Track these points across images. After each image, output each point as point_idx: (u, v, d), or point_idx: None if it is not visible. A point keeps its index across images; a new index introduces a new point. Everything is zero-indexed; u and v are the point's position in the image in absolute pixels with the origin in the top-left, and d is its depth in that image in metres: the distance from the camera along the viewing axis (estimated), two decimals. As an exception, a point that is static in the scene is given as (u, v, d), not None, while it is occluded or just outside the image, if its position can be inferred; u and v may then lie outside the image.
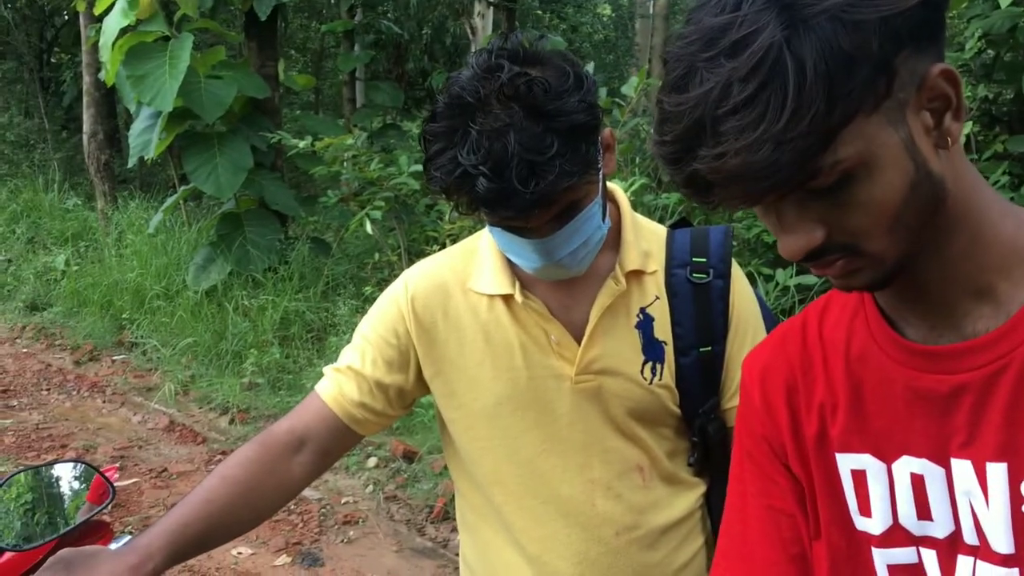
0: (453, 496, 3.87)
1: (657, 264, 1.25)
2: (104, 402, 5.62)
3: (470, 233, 5.58)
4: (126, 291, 6.94)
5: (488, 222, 1.13)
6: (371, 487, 4.25)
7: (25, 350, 6.75)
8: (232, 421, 5.18)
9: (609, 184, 1.24)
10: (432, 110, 1.10)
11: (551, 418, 1.24)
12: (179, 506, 1.23)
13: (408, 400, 1.35)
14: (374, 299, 4.78)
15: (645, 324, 1.22)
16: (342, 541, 3.83)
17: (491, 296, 1.26)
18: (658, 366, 1.22)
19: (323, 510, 4.03)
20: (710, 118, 0.64)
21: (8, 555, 1.24)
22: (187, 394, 5.60)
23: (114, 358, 6.40)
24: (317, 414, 1.33)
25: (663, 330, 1.23)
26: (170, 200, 7.27)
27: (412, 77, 11.51)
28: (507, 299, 1.25)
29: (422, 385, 1.33)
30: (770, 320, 1.31)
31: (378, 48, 9.96)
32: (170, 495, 4.21)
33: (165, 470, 4.53)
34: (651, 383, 1.22)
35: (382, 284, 5.99)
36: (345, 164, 6.43)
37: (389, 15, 10.42)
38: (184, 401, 5.52)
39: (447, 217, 5.67)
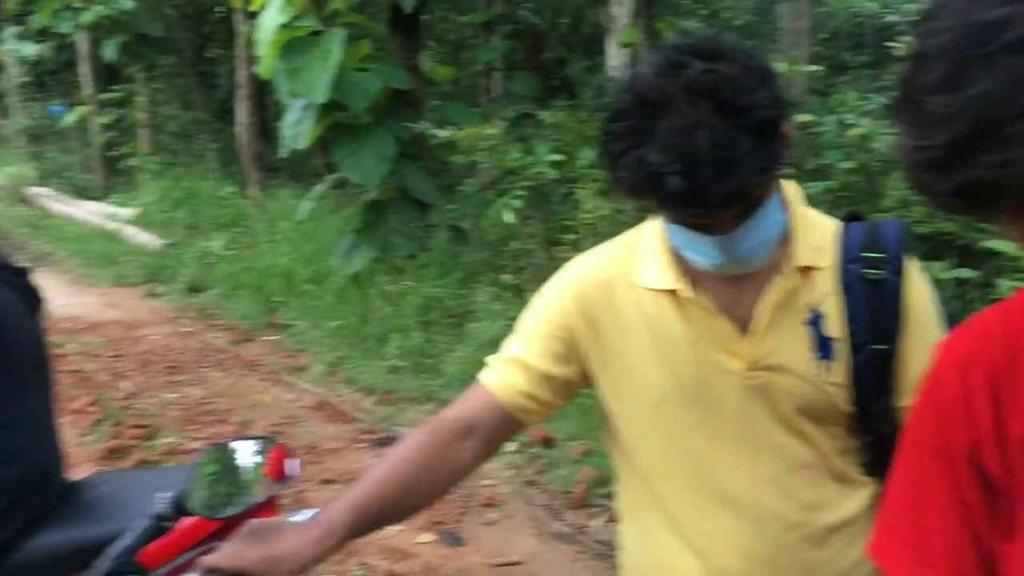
0: (592, 483, 3.93)
1: (828, 259, 1.24)
2: (258, 380, 5.94)
3: (608, 223, 5.63)
4: (277, 275, 7.29)
5: (669, 219, 1.15)
6: (511, 471, 4.35)
7: (187, 329, 7.19)
8: (377, 402, 5.38)
9: None
10: (613, 109, 1.12)
11: (718, 413, 1.25)
12: (357, 485, 1.32)
13: (573, 391, 1.40)
14: (512, 287, 4.86)
15: (815, 321, 1.22)
16: (482, 522, 3.94)
17: (656, 291, 1.28)
18: (829, 363, 1.22)
19: (465, 492, 4.15)
20: (995, 119, 0.60)
21: (189, 521, 1.35)
22: (334, 375, 5.85)
23: (267, 339, 6.75)
24: (484, 403, 1.39)
25: (835, 327, 1.23)
26: (318, 188, 7.57)
27: (549, 67, 11.52)
28: (673, 294, 1.27)
29: (587, 377, 1.37)
30: (944, 317, 1.28)
31: (516, 38, 10.04)
32: (321, 471, 4.42)
33: (316, 447, 4.76)
34: (822, 380, 1.23)
35: (519, 272, 6.09)
36: (484, 153, 6.55)
37: (527, 5, 10.49)
38: (332, 382, 5.77)
39: (584, 207, 5.69)
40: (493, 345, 5.04)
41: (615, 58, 9.79)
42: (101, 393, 5.56)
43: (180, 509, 1.28)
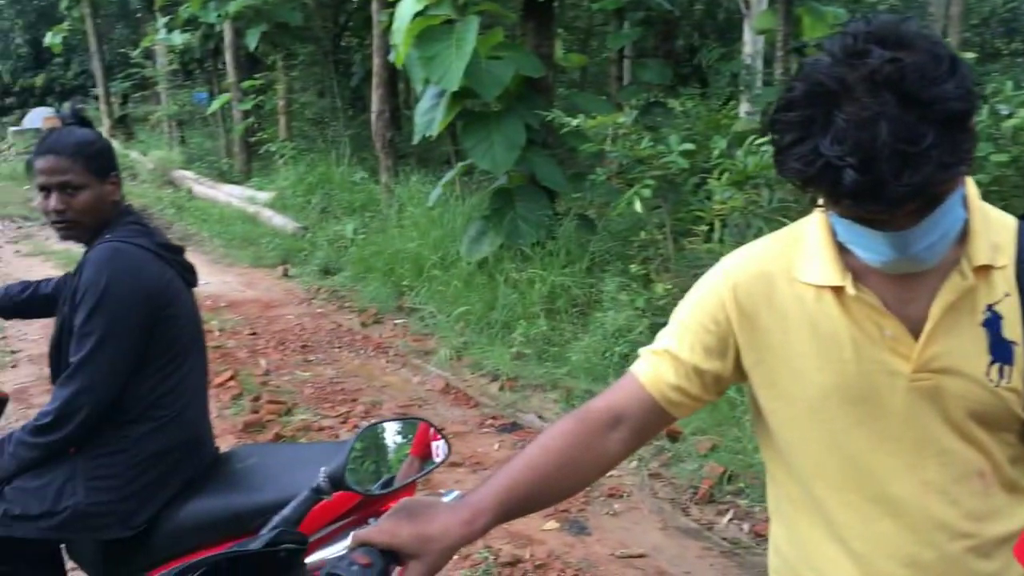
0: (719, 479, 3.86)
1: (1007, 258, 1.17)
2: (387, 362, 6.09)
3: (741, 214, 5.51)
4: (406, 260, 7.45)
5: (841, 214, 1.11)
6: (635, 463, 4.32)
7: (320, 310, 7.44)
8: (502, 388, 5.43)
9: None
10: (784, 99, 1.08)
11: (881, 414, 1.20)
12: (504, 470, 1.32)
13: (723, 386, 1.37)
14: (639, 277, 4.80)
15: (993, 322, 1.15)
16: (607, 513, 3.93)
17: (819, 287, 1.24)
18: (1006, 368, 1.15)
19: (590, 481, 4.14)
20: None
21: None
22: (460, 359, 5.93)
23: (395, 322, 6.91)
24: (633, 394, 1.37)
25: (1013, 330, 1.16)
26: (448, 175, 7.68)
27: (680, 54, 11.36)
28: (837, 290, 1.22)
29: (739, 372, 1.34)
30: None
31: (647, 25, 9.91)
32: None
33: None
34: (997, 385, 1.16)
35: (647, 263, 6.03)
36: (613, 142, 6.50)
37: (659, -9, 10.34)
38: (458, 366, 5.86)
39: (717, 197, 5.58)
40: (619, 335, 5.04)
41: (751, 45, 9.57)
42: (241, 369, 5.81)
43: (336, 484, 1.32)
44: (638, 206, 5.81)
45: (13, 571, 2.12)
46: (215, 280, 8.29)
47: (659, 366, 1.36)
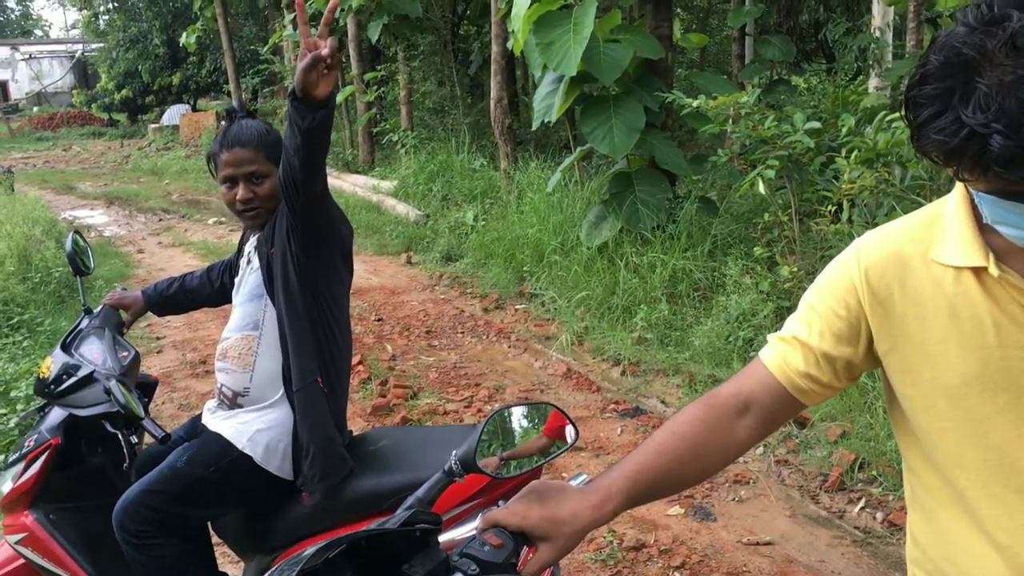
0: (849, 467, 3.76)
1: None
2: (509, 347, 6.17)
3: (871, 193, 5.31)
4: (526, 245, 7.51)
5: (987, 187, 1.06)
6: (761, 449, 4.25)
7: (442, 296, 7.59)
8: (623, 373, 5.42)
9: None
10: (919, 74, 1.05)
11: None
12: (632, 455, 1.34)
13: (856, 373, 1.33)
14: (763, 260, 4.70)
15: None
16: (733, 499, 3.89)
17: (959, 268, 1.19)
18: None
19: (714, 466, 4.10)
20: None
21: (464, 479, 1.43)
22: (582, 344, 5.95)
23: (517, 307, 6.99)
24: (761, 381, 1.35)
25: None
26: (567, 160, 7.68)
27: (804, 29, 11.01)
28: (978, 272, 1.17)
29: (872, 359, 1.30)
30: None
31: (769, 1, 9.64)
32: (570, 438, 4.52)
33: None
34: None
35: (771, 245, 5.89)
36: (735, 122, 6.37)
37: (782, -35, 10.04)
38: (579, 351, 5.88)
39: (845, 176, 5.39)
40: (742, 319, 4.96)
41: (880, 17, 9.18)
42: (368, 354, 5.99)
43: (467, 466, 1.36)
44: (761, 187, 5.69)
45: (165, 544, 2.26)
46: (342, 268, 8.53)
47: (787, 353, 1.34)
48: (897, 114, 5.44)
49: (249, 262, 2.38)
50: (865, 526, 3.61)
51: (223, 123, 2.43)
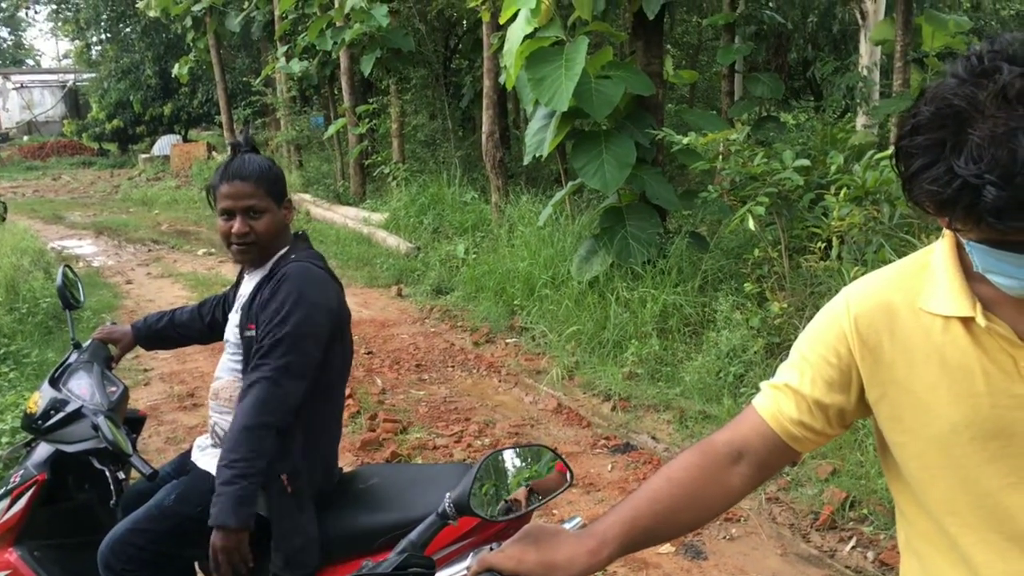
0: (840, 505, 3.74)
1: None
2: (500, 381, 6.15)
3: (860, 231, 5.35)
4: (517, 279, 7.51)
5: (980, 238, 1.06)
6: (752, 487, 4.22)
7: (433, 329, 7.57)
8: (614, 408, 5.41)
9: None
10: (910, 124, 1.06)
11: (1017, 451, 1.15)
12: (627, 501, 1.33)
13: (848, 420, 1.34)
14: (753, 295, 4.71)
15: None
16: (724, 537, 3.86)
17: (947, 317, 1.20)
18: None
19: (704, 504, 4.08)
20: None
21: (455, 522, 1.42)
22: (572, 379, 5.94)
23: (507, 341, 6.98)
24: (755, 429, 1.36)
25: None
26: (558, 195, 7.72)
27: (792, 68, 11.14)
28: (966, 321, 1.18)
29: (863, 406, 1.31)
30: None
31: (759, 39, 9.76)
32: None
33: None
34: None
35: (761, 280, 5.92)
36: (725, 159, 6.42)
37: (771, 4, 10.18)
38: (569, 386, 5.87)
39: (834, 213, 5.43)
40: (732, 355, 4.97)
41: (867, 56, 9.32)
42: (358, 387, 5.96)
43: (461, 509, 1.35)
44: (751, 223, 5.72)
45: None
46: (332, 300, 8.51)
47: (780, 401, 1.34)
48: (885, 152, 5.50)
49: (237, 312, 2.36)
50: (856, 565, 3.59)
51: (227, 155, 2.42)
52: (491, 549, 1.28)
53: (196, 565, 2.44)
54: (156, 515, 2.23)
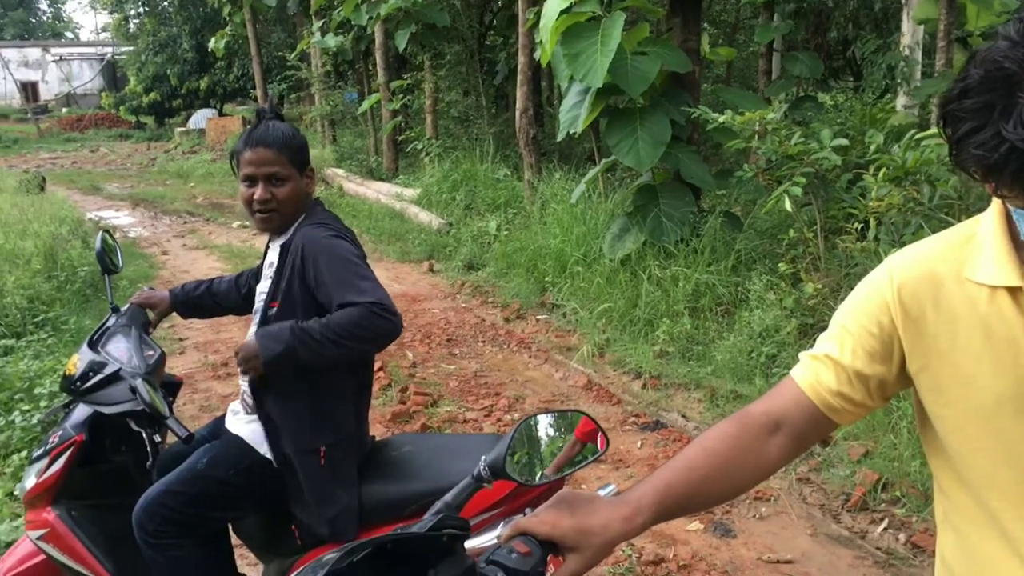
0: (872, 487, 3.71)
1: None
2: (530, 357, 6.15)
3: (899, 212, 5.27)
4: (548, 256, 7.50)
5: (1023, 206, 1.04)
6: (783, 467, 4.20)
7: (464, 305, 7.59)
8: (644, 386, 5.39)
9: None
10: (958, 88, 1.04)
11: None
12: (663, 469, 1.32)
13: (889, 392, 1.32)
14: (788, 276, 4.66)
15: None
16: (754, 516, 3.85)
17: (993, 287, 1.17)
18: None
19: (734, 483, 4.07)
20: None
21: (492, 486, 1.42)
22: (603, 356, 5.93)
23: (538, 317, 6.97)
24: (793, 400, 1.34)
25: None
26: (592, 172, 7.68)
27: (832, 47, 10.95)
28: (1013, 291, 1.15)
29: (904, 378, 1.29)
30: None
31: (798, 17, 9.61)
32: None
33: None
34: None
35: (796, 261, 5.85)
36: (761, 138, 6.34)
37: (812, -19, 10.00)
38: (600, 363, 5.86)
39: (872, 194, 5.35)
40: (765, 335, 4.92)
41: (910, 36, 9.14)
42: (389, 360, 6.00)
43: (496, 472, 1.35)
44: (787, 204, 5.66)
45: (184, 545, 2.26)
46: (364, 274, 8.57)
47: (819, 371, 1.33)
48: (926, 132, 5.40)
49: (267, 279, 2.38)
50: (888, 547, 3.56)
51: (251, 123, 2.43)
52: (524, 515, 1.28)
53: (230, 527, 2.47)
54: (188, 478, 2.26)
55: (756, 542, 3.64)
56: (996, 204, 1.19)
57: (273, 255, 2.36)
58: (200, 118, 26.30)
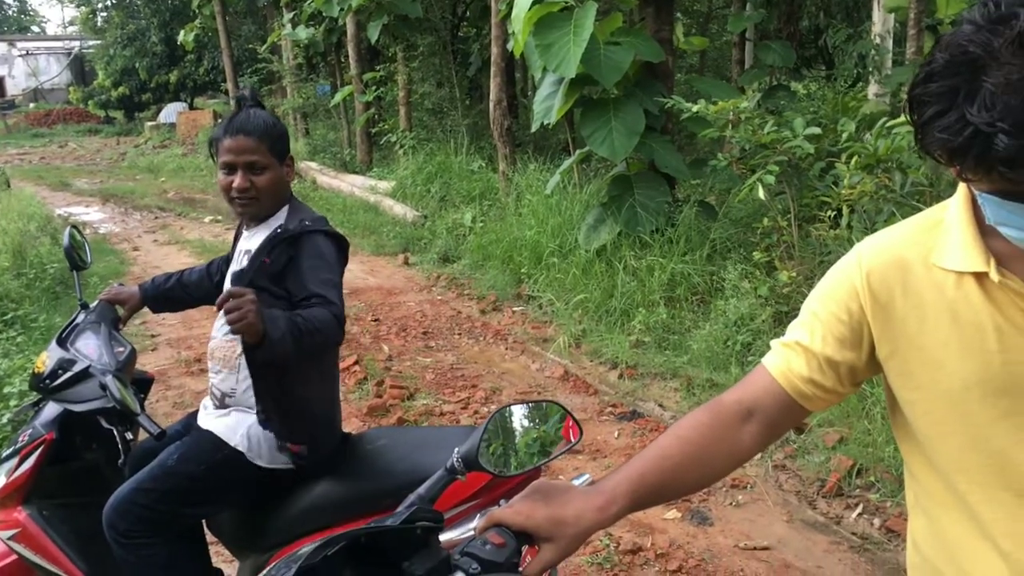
0: (847, 473, 3.74)
1: None
2: (506, 349, 6.14)
3: (871, 199, 5.31)
4: (524, 247, 7.49)
5: (991, 189, 1.04)
6: (759, 454, 4.23)
7: (439, 297, 7.56)
8: (621, 376, 5.40)
9: None
10: (924, 72, 1.04)
11: None
12: (636, 459, 1.32)
13: (859, 378, 1.32)
14: (762, 264, 4.68)
15: None
16: (730, 504, 3.87)
17: (960, 273, 1.17)
18: None
19: (711, 471, 4.09)
20: None
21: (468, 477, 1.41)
22: (579, 347, 5.94)
23: (514, 309, 6.97)
24: (765, 388, 1.34)
25: None
26: (566, 163, 7.68)
27: (804, 35, 11.00)
28: (979, 277, 1.16)
29: (874, 364, 1.29)
30: None
31: (770, 6, 9.65)
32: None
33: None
34: None
35: (770, 250, 5.88)
36: (735, 127, 6.35)
37: (784, -29, 10.04)
38: (576, 354, 5.86)
39: (845, 182, 5.39)
40: (740, 324, 4.95)
41: (880, 24, 9.20)
42: (365, 354, 5.97)
43: (469, 464, 1.34)
44: (761, 192, 5.68)
45: (155, 543, 2.23)
46: (339, 268, 8.53)
47: (790, 358, 1.33)
48: (897, 120, 5.44)
49: (239, 265, 2.34)
50: (863, 532, 3.59)
51: (222, 116, 2.40)
52: (499, 506, 1.28)
53: (204, 524, 2.45)
54: (159, 475, 2.23)
55: (733, 529, 3.66)
56: (962, 189, 1.19)
57: (251, 243, 2.33)
58: (170, 112, 26.04)
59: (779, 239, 5.95)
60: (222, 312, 2.28)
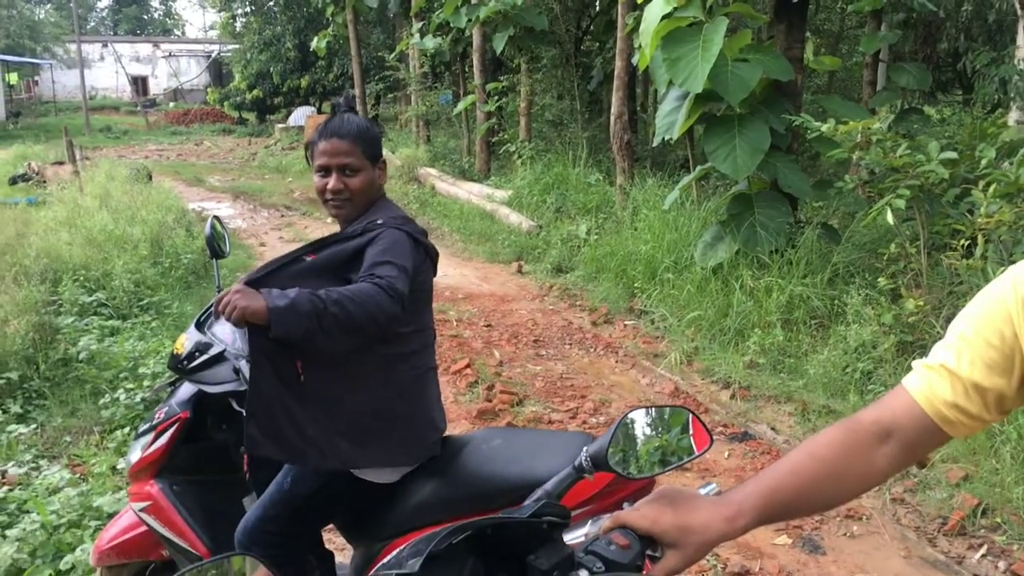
0: (971, 512, 3.58)
1: None
2: (616, 362, 6.12)
3: (1009, 229, 5.07)
4: (638, 262, 7.45)
5: None
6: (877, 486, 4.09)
7: (551, 307, 7.59)
8: (733, 396, 5.31)
9: None
10: None
11: None
12: (767, 472, 1.30)
13: (1007, 406, 1.26)
14: (887, 291, 4.51)
15: None
16: (844, 534, 3.75)
17: None
18: None
19: (824, 499, 3.97)
20: None
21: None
22: (691, 364, 5.86)
23: (626, 323, 6.93)
24: (905, 409, 1.30)
25: None
26: (687, 179, 7.60)
27: (942, 58, 10.59)
28: None
29: None
30: None
31: (907, 27, 9.33)
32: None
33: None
34: None
35: (896, 277, 5.68)
36: (863, 149, 6.17)
37: (923, -9, 9.69)
38: (688, 371, 5.79)
39: (982, 210, 5.16)
40: (862, 351, 4.79)
41: (1027, 47, 8.76)
42: (476, 358, 6.04)
43: (598, 463, 1.35)
44: (889, 217, 5.51)
45: (288, 558, 2.32)
46: (454, 272, 8.68)
47: (934, 382, 1.28)
48: (1042, 148, 5.19)
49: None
50: (986, 574, 3.43)
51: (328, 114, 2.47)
52: (623, 509, 1.28)
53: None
54: (278, 500, 2.31)
55: (846, 560, 3.55)
56: None
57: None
58: (300, 115, 26.94)
59: (906, 266, 5.75)
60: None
